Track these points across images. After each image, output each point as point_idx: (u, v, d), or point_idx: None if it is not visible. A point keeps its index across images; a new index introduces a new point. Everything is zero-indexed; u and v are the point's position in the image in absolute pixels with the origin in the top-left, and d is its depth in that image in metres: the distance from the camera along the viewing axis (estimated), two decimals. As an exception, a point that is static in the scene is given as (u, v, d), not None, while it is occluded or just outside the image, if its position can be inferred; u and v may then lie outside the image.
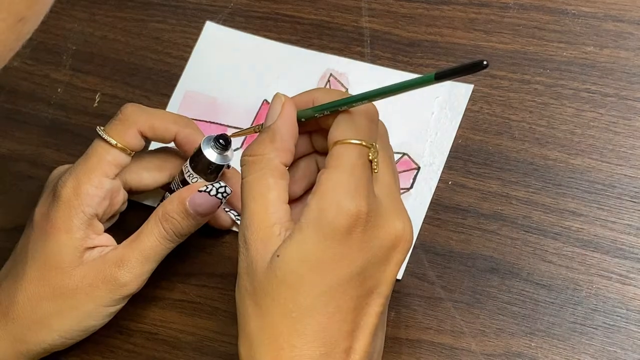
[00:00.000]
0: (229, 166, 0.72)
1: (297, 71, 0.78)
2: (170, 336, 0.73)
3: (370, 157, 0.60)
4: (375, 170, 0.61)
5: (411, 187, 0.72)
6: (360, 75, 0.77)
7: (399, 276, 0.70)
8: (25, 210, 0.77)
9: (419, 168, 0.73)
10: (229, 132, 0.72)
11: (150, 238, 0.69)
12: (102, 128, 0.71)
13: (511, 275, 0.69)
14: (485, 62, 0.52)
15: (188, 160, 0.72)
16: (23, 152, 0.82)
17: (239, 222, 0.73)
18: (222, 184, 0.70)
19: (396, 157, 0.73)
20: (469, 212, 0.71)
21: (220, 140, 0.70)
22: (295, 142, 0.63)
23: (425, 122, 0.74)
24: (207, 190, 0.69)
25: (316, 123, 0.64)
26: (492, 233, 0.70)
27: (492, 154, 0.72)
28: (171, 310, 0.74)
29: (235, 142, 0.74)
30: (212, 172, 0.71)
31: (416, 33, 0.77)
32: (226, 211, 0.74)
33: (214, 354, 0.72)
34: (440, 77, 0.55)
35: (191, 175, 0.71)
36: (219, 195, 0.70)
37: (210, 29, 0.81)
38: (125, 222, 0.75)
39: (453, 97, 0.74)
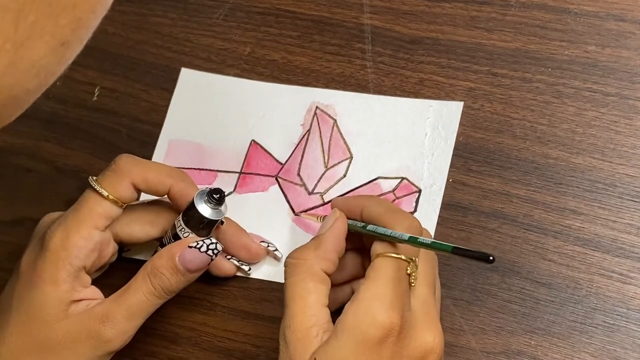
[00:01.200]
0: (222, 222, 0.70)
1: (282, 107, 0.78)
2: (169, 331, 0.73)
3: (408, 271, 0.63)
4: (413, 284, 0.63)
5: (415, 210, 0.72)
6: (346, 106, 0.76)
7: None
8: (25, 203, 0.76)
9: (420, 191, 0.72)
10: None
11: (137, 294, 0.68)
12: (94, 178, 0.69)
13: (511, 273, 0.69)
14: (491, 258, 0.57)
15: (181, 215, 0.69)
16: (22, 145, 0.81)
17: (243, 266, 0.73)
18: (214, 240, 0.68)
19: (395, 182, 0.73)
20: (470, 210, 0.71)
21: (214, 195, 0.68)
22: (339, 255, 0.65)
23: (420, 144, 0.74)
24: (198, 246, 0.68)
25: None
26: (492, 231, 0.70)
27: (493, 152, 0.72)
28: (170, 305, 0.73)
29: (229, 187, 0.74)
30: (205, 227, 0.69)
31: (417, 30, 0.77)
32: (228, 259, 0.72)
33: (212, 349, 0.72)
34: (456, 252, 0.59)
35: (183, 230, 0.69)
36: (210, 252, 0.68)
37: (186, 75, 0.80)
38: (115, 273, 0.73)
39: (445, 116, 0.74)
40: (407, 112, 0.75)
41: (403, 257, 0.62)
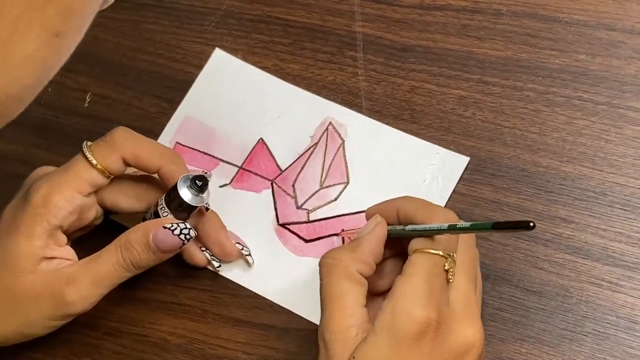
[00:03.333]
0: (207, 208, 0.71)
1: (298, 114, 0.77)
2: (160, 338, 0.73)
3: (446, 267, 0.62)
4: (451, 280, 0.62)
5: None
6: (358, 129, 0.76)
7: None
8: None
9: None
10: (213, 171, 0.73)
11: (106, 263, 0.68)
12: (88, 144, 0.70)
13: (502, 282, 0.69)
14: (532, 224, 0.55)
15: (164, 195, 0.70)
16: (13, 152, 0.81)
17: (214, 262, 0.73)
18: (188, 225, 0.69)
19: None
20: (461, 218, 0.70)
21: (197, 181, 0.69)
22: (376, 259, 0.65)
23: (415, 188, 0.73)
24: (172, 228, 0.68)
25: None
26: (483, 239, 0.70)
27: (484, 160, 0.73)
28: (160, 312, 0.73)
29: (225, 178, 0.74)
30: (183, 210, 0.69)
31: (409, 38, 0.78)
32: (202, 250, 0.73)
33: (203, 356, 0.72)
34: (496, 227, 0.58)
35: (163, 209, 0.70)
36: (182, 237, 0.69)
37: (219, 56, 0.80)
38: (100, 236, 0.73)
39: (447, 166, 0.73)
40: (413, 152, 0.74)
41: (440, 253, 0.62)
